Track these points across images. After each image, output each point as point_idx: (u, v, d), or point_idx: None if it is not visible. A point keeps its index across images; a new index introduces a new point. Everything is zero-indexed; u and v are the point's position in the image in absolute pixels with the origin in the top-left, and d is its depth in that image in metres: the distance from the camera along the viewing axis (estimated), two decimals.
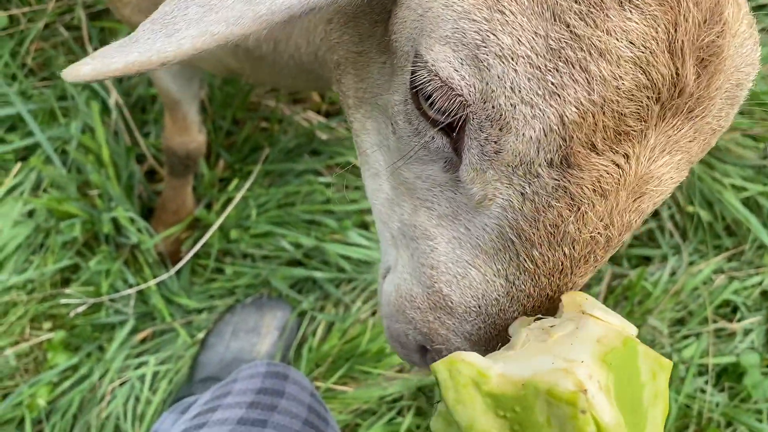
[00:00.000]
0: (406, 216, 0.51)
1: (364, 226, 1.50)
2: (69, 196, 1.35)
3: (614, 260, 1.65)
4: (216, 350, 1.37)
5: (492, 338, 0.47)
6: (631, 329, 0.41)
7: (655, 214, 1.65)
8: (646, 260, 1.64)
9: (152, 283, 1.32)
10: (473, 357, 0.38)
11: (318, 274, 1.43)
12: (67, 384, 1.34)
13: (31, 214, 1.39)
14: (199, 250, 1.39)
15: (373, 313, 1.47)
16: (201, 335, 1.40)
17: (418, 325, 0.51)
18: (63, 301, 1.35)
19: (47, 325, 1.39)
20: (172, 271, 1.33)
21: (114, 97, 1.36)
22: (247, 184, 1.38)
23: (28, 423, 1.31)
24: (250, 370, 0.87)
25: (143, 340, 1.40)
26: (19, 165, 1.41)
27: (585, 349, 0.37)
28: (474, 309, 0.47)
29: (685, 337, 1.50)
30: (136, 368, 1.37)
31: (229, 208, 1.36)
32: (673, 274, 1.58)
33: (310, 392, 0.86)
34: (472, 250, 0.47)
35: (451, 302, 0.48)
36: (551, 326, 0.41)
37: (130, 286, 1.34)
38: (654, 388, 0.39)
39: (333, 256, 1.42)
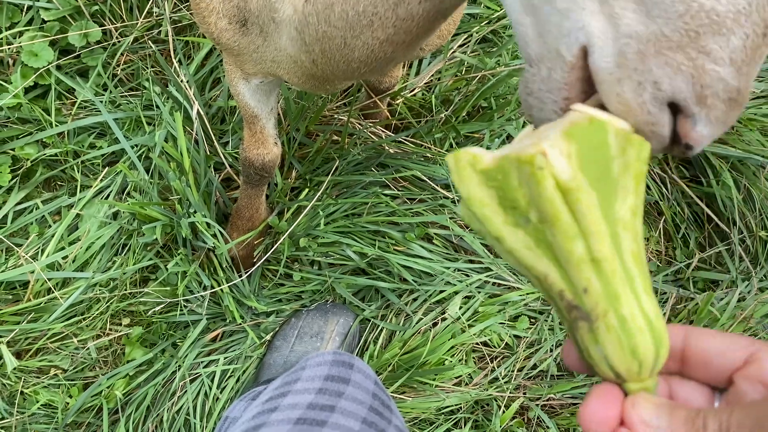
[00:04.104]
0: None
1: (428, 238, 1.53)
2: (151, 200, 1.44)
3: (679, 283, 1.62)
4: (281, 352, 1.43)
5: (758, 45, 0.40)
6: (623, 124, 0.43)
7: (725, 238, 1.62)
8: (713, 284, 1.61)
9: (226, 286, 1.39)
10: (474, 149, 0.44)
11: (381, 284, 1.47)
12: (142, 378, 1.42)
13: (115, 216, 1.49)
14: (269, 255, 1.44)
15: (434, 325, 1.49)
16: (268, 337, 1.46)
17: (683, 67, 0.40)
18: (142, 299, 1.43)
19: (126, 321, 1.48)
20: (245, 275, 1.39)
21: (196, 108, 1.43)
22: (318, 195, 1.43)
23: (105, 412, 1.39)
24: (317, 358, 0.91)
25: (214, 339, 1.46)
26: (105, 170, 1.51)
27: (556, 129, 0.41)
28: (743, 10, 0.39)
29: None
30: (206, 366, 1.44)
31: (300, 217, 1.41)
32: (742, 299, 1.54)
33: (374, 381, 0.89)
34: None
35: (717, 15, 0.39)
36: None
37: (205, 288, 1.41)
38: (623, 160, 0.41)
39: (396, 266, 1.45)
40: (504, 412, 1.47)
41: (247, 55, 0.91)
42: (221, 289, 1.40)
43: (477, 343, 1.52)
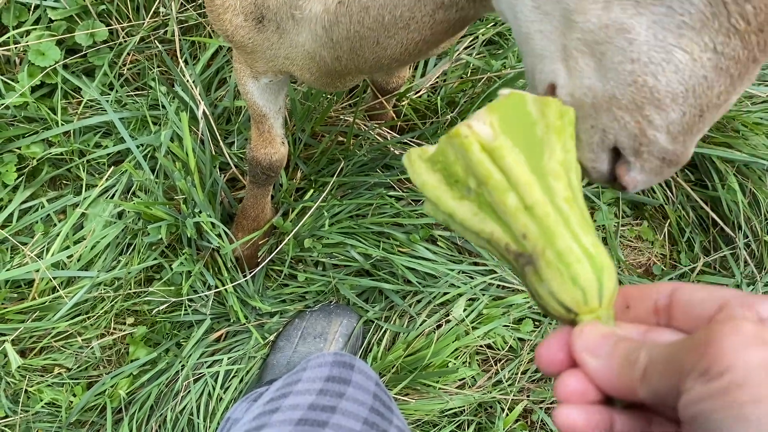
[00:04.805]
0: (594, 20, 0.47)
1: (432, 240, 1.53)
2: (156, 200, 1.44)
3: None
4: (284, 353, 1.43)
5: (695, 122, 0.46)
6: (550, 99, 0.48)
7: (730, 242, 1.61)
8: None
9: (230, 286, 1.39)
10: (423, 147, 0.49)
11: (385, 285, 1.47)
12: (145, 377, 1.42)
13: (120, 215, 1.49)
14: (274, 256, 1.45)
15: (438, 327, 1.49)
16: (272, 338, 1.46)
17: (628, 126, 0.47)
18: (146, 299, 1.43)
19: (130, 320, 1.48)
20: (249, 275, 1.39)
21: (202, 108, 1.44)
22: (323, 195, 1.44)
23: (109, 411, 1.39)
24: (318, 359, 0.91)
25: (218, 340, 1.46)
26: (111, 169, 1.51)
27: (483, 108, 0.47)
28: (681, 94, 0.45)
29: None
30: (210, 366, 1.44)
31: (305, 218, 1.41)
32: None
33: (375, 381, 0.89)
34: (677, 30, 0.44)
35: (658, 93, 0.45)
36: None
37: (209, 288, 1.41)
38: (545, 123, 0.46)
39: (400, 268, 1.45)
40: (507, 414, 1.47)
41: (261, 52, 0.91)
42: (225, 289, 1.40)
43: (481, 346, 1.52)
